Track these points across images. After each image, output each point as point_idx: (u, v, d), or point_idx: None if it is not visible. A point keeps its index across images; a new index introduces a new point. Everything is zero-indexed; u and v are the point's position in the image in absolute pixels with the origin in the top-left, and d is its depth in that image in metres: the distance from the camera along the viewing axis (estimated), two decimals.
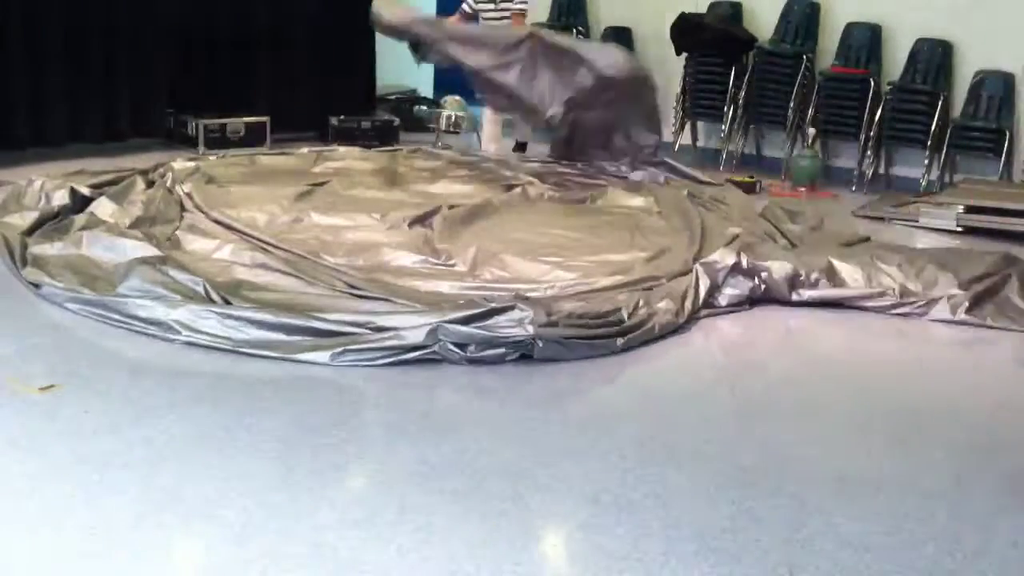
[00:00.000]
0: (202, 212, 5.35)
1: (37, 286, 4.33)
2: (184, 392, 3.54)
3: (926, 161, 7.68)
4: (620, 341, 4.05)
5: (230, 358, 3.86)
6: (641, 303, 4.30)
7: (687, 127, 8.80)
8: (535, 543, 2.79)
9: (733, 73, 8.35)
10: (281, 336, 3.86)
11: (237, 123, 8.03)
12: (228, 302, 4.08)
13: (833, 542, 2.82)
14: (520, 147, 8.22)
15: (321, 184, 6.20)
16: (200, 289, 4.14)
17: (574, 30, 9.14)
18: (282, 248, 4.88)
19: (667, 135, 8.86)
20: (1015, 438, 3.63)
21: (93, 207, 5.22)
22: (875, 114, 7.78)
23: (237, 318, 3.90)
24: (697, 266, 4.76)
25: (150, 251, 4.53)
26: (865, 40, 8.03)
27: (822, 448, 3.43)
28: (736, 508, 2.97)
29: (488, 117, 7.90)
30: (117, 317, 4.03)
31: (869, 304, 4.84)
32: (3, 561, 2.51)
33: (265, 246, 4.90)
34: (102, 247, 4.62)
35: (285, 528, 2.72)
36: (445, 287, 4.54)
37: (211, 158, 6.99)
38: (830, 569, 2.69)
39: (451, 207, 5.70)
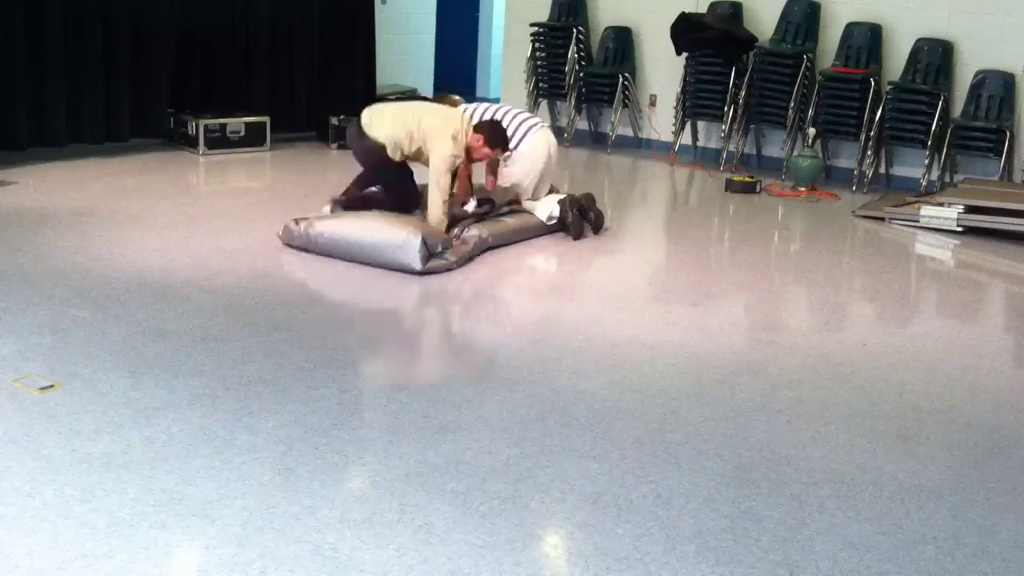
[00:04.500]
0: None
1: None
2: (184, 392, 3.55)
3: (926, 161, 7.69)
4: None
5: (230, 358, 3.87)
6: None
7: (687, 127, 8.81)
8: (535, 543, 2.79)
9: (733, 73, 8.35)
10: None
11: (237, 123, 8.03)
12: None
13: (833, 542, 2.82)
14: None
15: None
16: None
17: (574, 30, 9.14)
18: None
19: (667, 135, 8.89)
20: (1015, 438, 3.63)
21: None
22: (875, 114, 7.78)
23: None
24: None
25: None
26: (865, 40, 8.03)
27: (822, 448, 3.43)
28: (736, 508, 2.98)
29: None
30: None
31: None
32: (3, 561, 2.51)
33: None
34: None
35: (285, 528, 2.72)
36: None
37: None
38: (830, 569, 2.69)
39: None
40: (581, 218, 6.00)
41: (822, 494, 3.09)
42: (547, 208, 6.01)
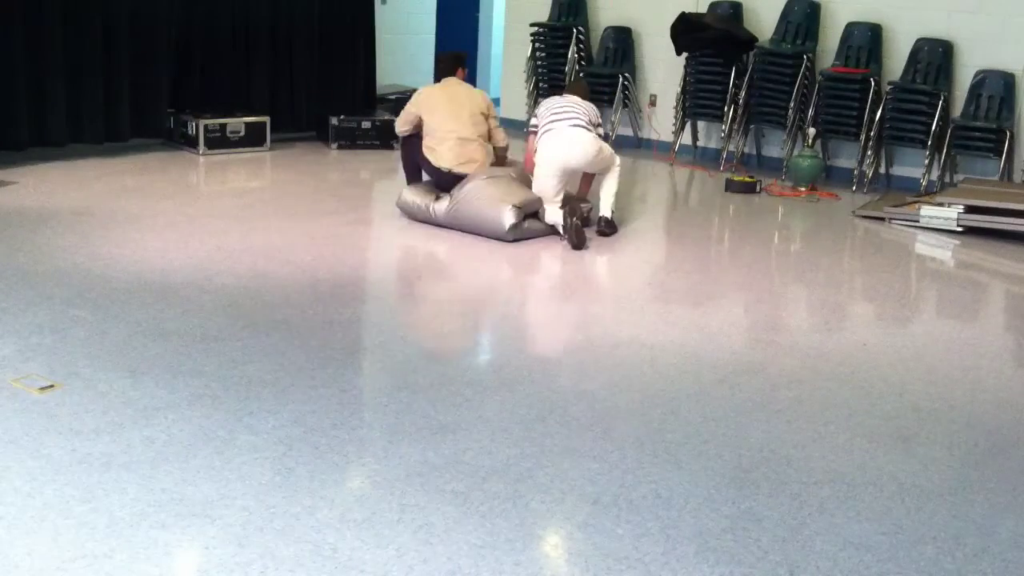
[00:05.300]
0: None
1: None
2: (184, 392, 3.55)
3: (926, 161, 7.68)
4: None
5: (230, 358, 3.87)
6: None
7: (687, 127, 8.81)
8: (535, 543, 2.79)
9: (733, 73, 8.35)
10: None
11: (237, 123, 8.03)
12: None
13: (833, 542, 2.82)
14: None
15: None
16: None
17: (574, 30, 9.15)
18: None
19: (667, 135, 8.89)
20: (1015, 438, 3.63)
21: None
22: (875, 114, 7.78)
23: None
24: None
25: None
26: (865, 40, 8.03)
27: (822, 448, 3.43)
28: (736, 508, 2.98)
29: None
30: None
31: None
32: (3, 561, 2.51)
33: None
34: None
35: (285, 528, 2.72)
36: None
37: None
38: (830, 569, 2.69)
39: None
40: (582, 227, 5.91)
41: (822, 494, 3.09)
42: (552, 215, 5.96)
